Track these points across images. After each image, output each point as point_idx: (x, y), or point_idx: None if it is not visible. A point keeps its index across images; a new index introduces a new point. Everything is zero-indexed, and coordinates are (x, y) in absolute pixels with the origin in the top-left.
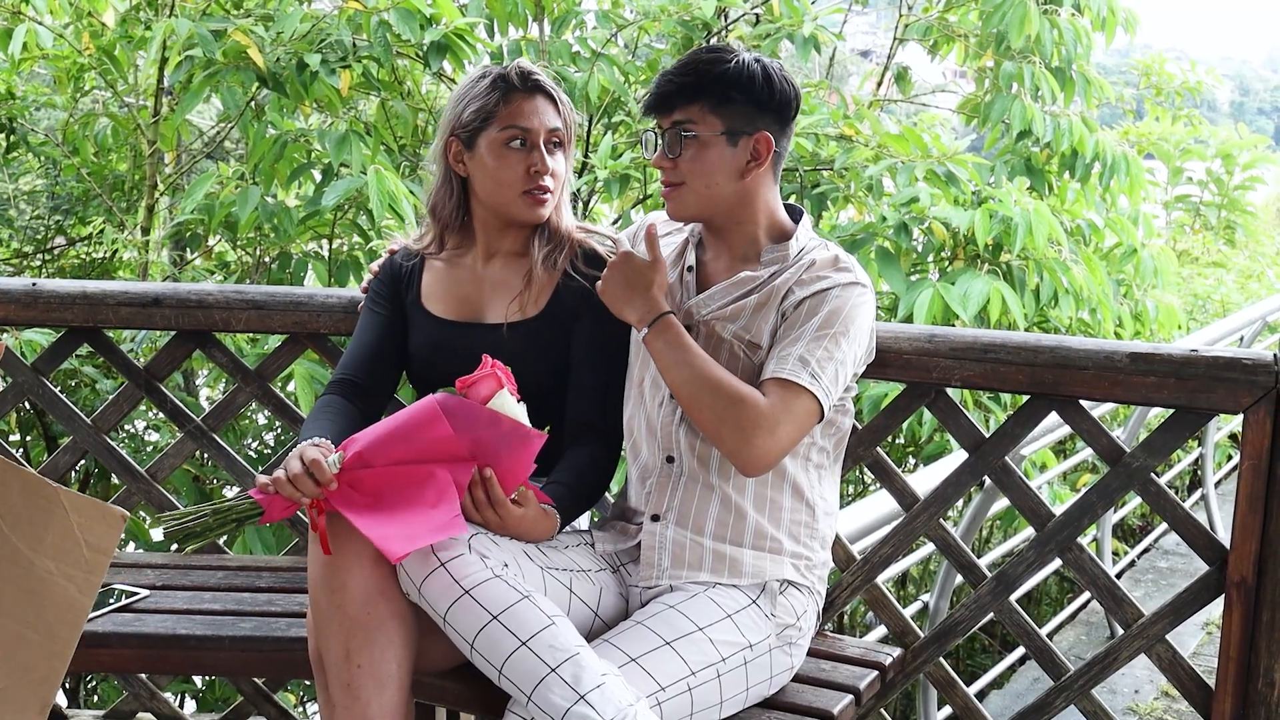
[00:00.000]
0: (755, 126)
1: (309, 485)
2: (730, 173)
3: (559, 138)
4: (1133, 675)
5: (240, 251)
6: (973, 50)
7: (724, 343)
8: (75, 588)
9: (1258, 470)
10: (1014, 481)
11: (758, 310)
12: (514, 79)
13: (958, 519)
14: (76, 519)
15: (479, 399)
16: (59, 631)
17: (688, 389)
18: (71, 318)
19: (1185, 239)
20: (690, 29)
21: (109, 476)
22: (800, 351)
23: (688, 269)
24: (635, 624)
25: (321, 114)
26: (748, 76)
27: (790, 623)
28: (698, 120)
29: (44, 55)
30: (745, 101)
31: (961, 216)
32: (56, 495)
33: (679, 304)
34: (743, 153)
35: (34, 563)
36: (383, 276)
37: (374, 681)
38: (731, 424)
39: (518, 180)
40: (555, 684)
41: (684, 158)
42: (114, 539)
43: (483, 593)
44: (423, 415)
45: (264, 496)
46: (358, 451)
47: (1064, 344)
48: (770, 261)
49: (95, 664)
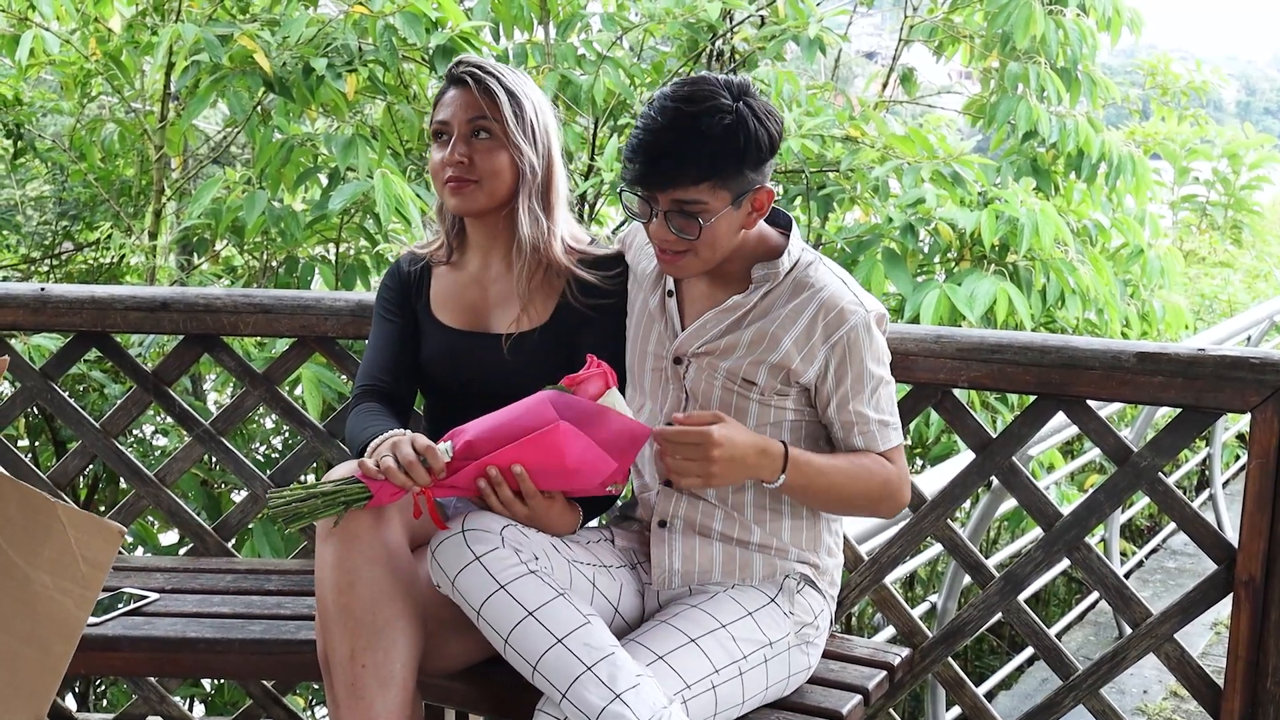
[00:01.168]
0: (754, 183)
1: (421, 473)
2: (736, 231)
3: (482, 126)
4: (1141, 675)
5: (247, 256)
6: (978, 51)
7: (715, 379)
8: (71, 602)
9: (1265, 469)
10: (1021, 482)
11: (753, 347)
12: (449, 76)
13: (965, 520)
14: (74, 534)
15: (589, 396)
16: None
17: (840, 507)
18: (80, 322)
19: (1192, 239)
20: (695, 31)
21: (117, 481)
22: (875, 416)
23: (668, 293)
24: (660, 623)
25: (328, 118)
26: (753, 139)
27: (808, 621)
28: (707, 198)
29: (51, 61)
30: (746, 167)
31: (968, 217)
32: (54, 509)
33: (663, 334)
34: (745, 210)
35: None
36: (391, 284)
37: (378, 682)
38: (886, 506)
39: (440, 170)
40: (591, 682)
41: (704, 238)
42: (111, 554)
43: (518, 589)
44: (535, 412)
45: (372, 481)
46: (468, 441)
47: (1071, 344)
48: (761, 280)
49: (105, 667)
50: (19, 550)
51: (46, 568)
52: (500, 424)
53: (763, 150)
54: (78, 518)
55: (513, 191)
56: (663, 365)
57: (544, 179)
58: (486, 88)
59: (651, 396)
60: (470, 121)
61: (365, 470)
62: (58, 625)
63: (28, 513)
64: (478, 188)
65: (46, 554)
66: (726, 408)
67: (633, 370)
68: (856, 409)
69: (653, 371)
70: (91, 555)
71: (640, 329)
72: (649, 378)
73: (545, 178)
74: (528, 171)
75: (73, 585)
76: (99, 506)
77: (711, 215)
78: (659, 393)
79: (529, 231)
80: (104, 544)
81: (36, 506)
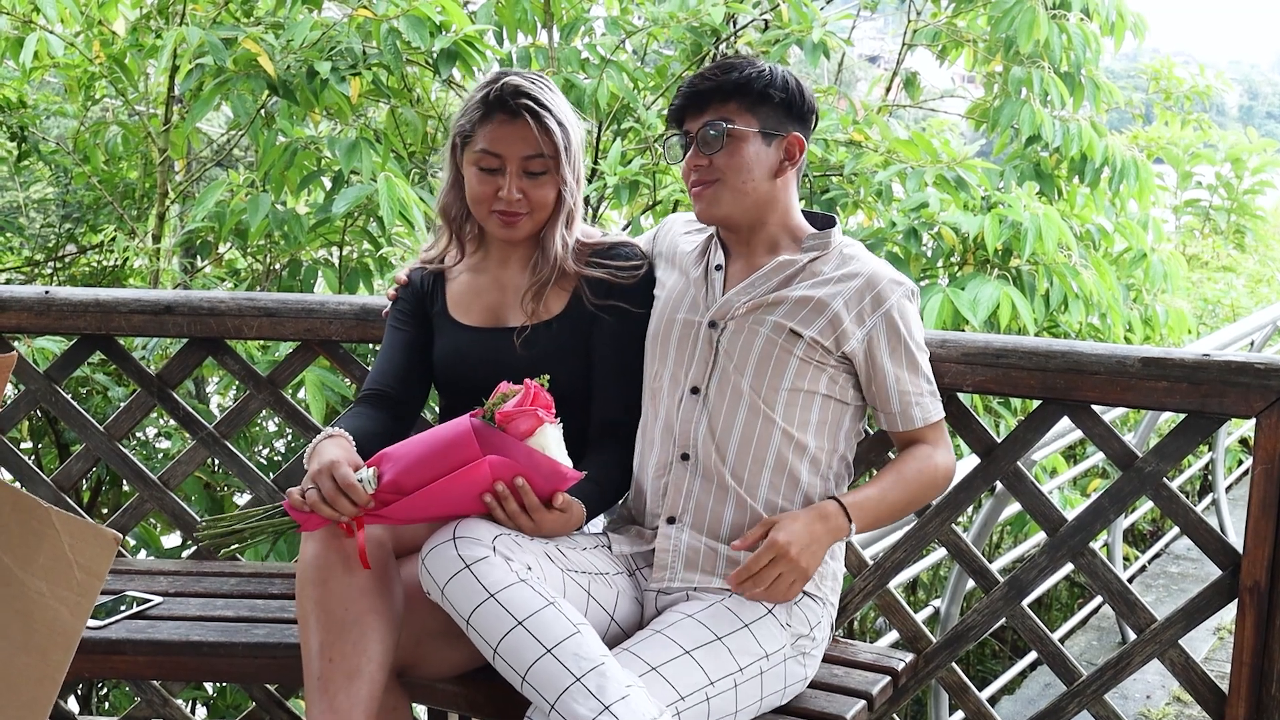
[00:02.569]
0: (788, 128)
1: (346, 505)
2: (765, 171)
3: (540, 166)
4: (1144, 680)
5: (251, 259)
6: (981, 55)
7: (759, 333)
8: (67, 610)
9: (1270, 475)
10: (1026, 486)
11: (801, 304)
12: (496, 99)
13: (968, 524)
14: (69, 541)
15: (518, 435)
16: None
17: (910, 512)
18: (84, 325)
19: (1195, 243)
20: (699, 35)
21: (120, 483)
22: (926, 387)
23: (715, 267)
24: (654, 633)
25: (331, 121)
26: (782, 81)
27: (804, 633)
28: (735, 117)
29: (55, 64)
30: (780, 103)
31: (971, 221)
32: (49, 516)
33: (699, 300)
34: (777, 152)
35: (25, 583)
36: (406, 295)
37: (343, 675)
38: (944, 487)
39: (488, 200)
40: (579, 693)
41: (720, 153)
42: (107, 561)
43: (508, 597)
44: (459, 445)
45: (299, 513)
46: (392, 479)
47: (1076, 349)
48: (811, 248)
49: (109, 670)
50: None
51: (42, 574)
52: (423, 456)
53: (792, 95)
54: (73, 524)
55: (551, 215)
56: (692, 331)
57: (575, 200)
58: (545, 125)
59: (677, 363)
60: (526, 159)
61: (293, 502)
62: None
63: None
64: (527, 218)
65: (41, 561)
66: (766, 360)
67: (656, 338)
68: (913, 379)
69: (679, 339)
70: (87, 562)
71: (671, 301)
72: (674, 345)
73: (575, 198)
74: (568, 198)
75: (68, 593)
76: (102, 509)
77: (738, 136)
78: (684, 357)
79: (557, 250)
80: (100, 551)
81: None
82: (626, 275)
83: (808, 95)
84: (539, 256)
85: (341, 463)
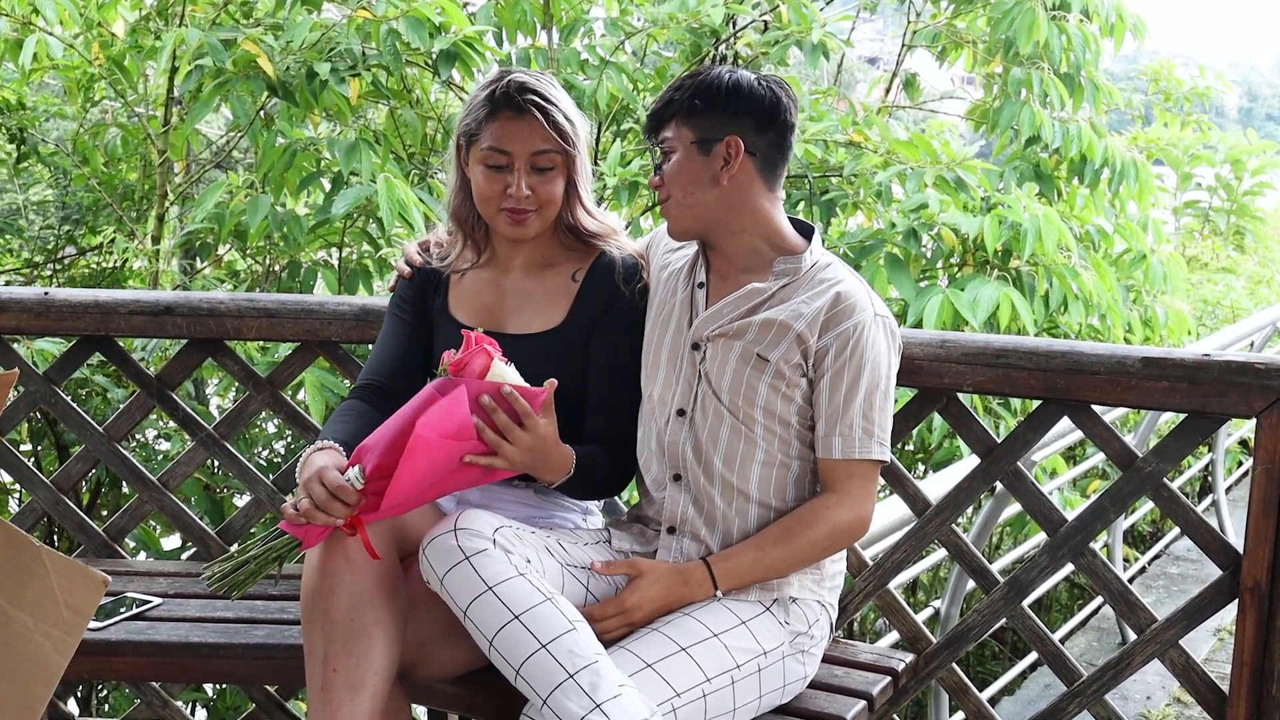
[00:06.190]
0: (725, 132)
1: (339, 508)
2: (705, 180)
3: (548, 161)
4: (1144, 681)
5: (250, 260)
6: (981, 56)
7: (730, 358)
8: (51, 646)
9: (1271, 475)
10: (1026, 487)
11: (765, 329)
12: (501, 96)
13: (968, 525)
14: (57, 579)
15: (475, 375)
16: (33, 688)
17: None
18: (84, 326)
19: (1194, 244)
20: (699, 36)
21: (120, 485)
22: (860, 422)
23: (698, 285)
24: (651, 630)
25: (331, 122)
26: (714, 87)
27: (803, 631)
28: (673, 135)
29: (54, 65)
30: (712, 110)
31: (971, 222)
32: (39, 553)
33: (682, 323)
34: (716, 159)
35: (12, 616)
36: (411, 284)
37: (347, 687)
38: (838, 548)
39: (496, 198)
40: (572, 690)
41: (666, 170)
42: (94, 602)
43: (506, 591)
44: (424, 402)
45: (296, 527)
46: (376, 463)
47: (1076, 349)
48: (781, 274)
49: (108, 672)
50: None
51: (29, 609)
52: (398, 427)
53: (728, 99)
54: (62, 564)
55: (562, 210)
56: (679, 352)
57: (584, 193)
58: (553, 120)
59: (665, 383)
60: (535, 154)
61: (288, 518)
62: (37, 667)
63: (13, 555)
64: (535, 216)
65: (29, 596)
66: (738, 385)
67: (648, 360)
68: (845, 405)
69: (668, 358)
70: (74, 602)
71: (659, 321)
72: (664, 364)
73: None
74: (581, 189)
75: (53, 629)
76: (101, 510)
77: (674, 150)
78: (671, 379)
79: (561, 245)
80: (87, 591)
81: (20, 548)
82: (630, 289)
83: (749, 93)
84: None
85: (329, 468)
